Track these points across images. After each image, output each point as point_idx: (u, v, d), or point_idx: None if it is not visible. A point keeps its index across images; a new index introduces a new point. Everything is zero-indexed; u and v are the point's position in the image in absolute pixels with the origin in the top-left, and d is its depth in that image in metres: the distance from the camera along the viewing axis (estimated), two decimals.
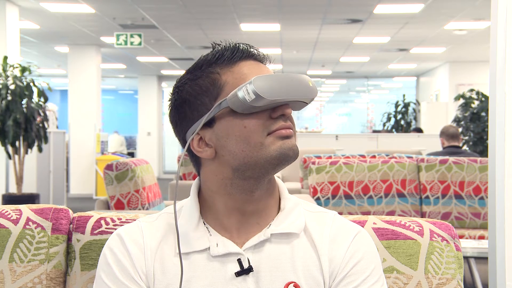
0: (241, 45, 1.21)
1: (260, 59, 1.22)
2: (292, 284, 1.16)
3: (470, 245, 3.70)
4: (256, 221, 1.21)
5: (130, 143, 21.10)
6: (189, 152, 1.23)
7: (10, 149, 7.78)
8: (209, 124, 1.17)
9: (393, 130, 16.14)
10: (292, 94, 1.15)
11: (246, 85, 1.12)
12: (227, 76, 1.18)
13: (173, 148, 20.69)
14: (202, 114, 1.18)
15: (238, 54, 1.20)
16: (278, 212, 1.23)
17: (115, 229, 1.34)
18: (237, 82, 1.16)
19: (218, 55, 1.20)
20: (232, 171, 1.18)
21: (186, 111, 1.20)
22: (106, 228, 1.40)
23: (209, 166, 1.20)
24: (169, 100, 1.25)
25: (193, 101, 1.19)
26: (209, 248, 1.18)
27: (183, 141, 1.23)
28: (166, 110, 1.27)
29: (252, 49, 1.21)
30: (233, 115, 1.15)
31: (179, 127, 1.23)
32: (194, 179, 6.65)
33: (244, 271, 1.16)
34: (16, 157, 7.87)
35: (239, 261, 1.16)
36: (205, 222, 1.21)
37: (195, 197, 1.23)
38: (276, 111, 1.16)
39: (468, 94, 9.55)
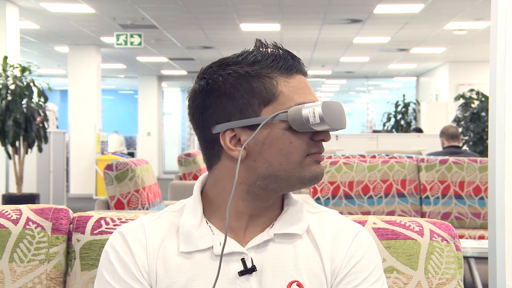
0: (293, 56, 1.22)
1: (305, 73, 1.23)
2: (295, 283, 1.17)
3: (470, 245, 3.70)
4: (261, 221, 1.21)
5: (130, 143, 21.10)
6: (212, 144, 1.20)
7: (10, 149, 7.78)
8: (251, 126, 1.16)
9: (393, 130, 16.13)
10: (339, 124, 1.17)
11: (314, 107, 1.14)
12: (283, 87, 1.17)
13: (173, 148, 20.70)
14: (246, 114, 1.16)
15: (294, 65, 1.20)
16: (280, 211, 1.23)
17: (115, 229, 1.34)
18: (291, 95, 1.17)
19: (271, 59, 1.19)
20: (257, 178, 1.17)
21: (227, 104, 1.17)
22: (106, 228, 1.40)
23: (232, 165, 1.18)
24: (199, 84, 1.20)
25: (238, 98, 1.16)
26: (212, 247, 1.17)
27: (204, 129, 1.20)
28: (190, 93, 1.23)
29: (301, 63, 1.22)
30: (283, 128, 1.16)
31: (207, 115, 1.19)
32: (194, 179, 6.65)
33: (248, 271, 1.16)
34: (16, 157, 7.87)
35: (243, 260, 1.16)
36: (207, 221, 1.21)
37: (198, 196, 1.22)
38: (319, 135, 1.18)
39: (468, 94, 9.55)
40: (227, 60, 1.20)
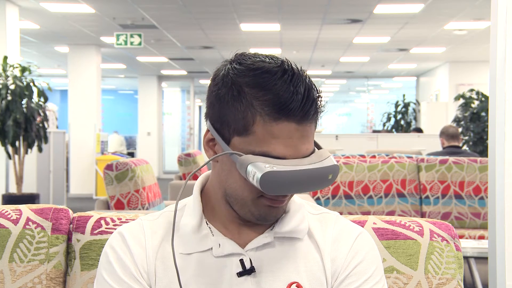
0: (299, 99, 1.08)
1: (302, 123, 1.10)
2: (294, 284, 1.16)
3: (470, 245, 3.70)
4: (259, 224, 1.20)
5: (130, 143, 21.10)
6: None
7: (10, 149, 7.77)
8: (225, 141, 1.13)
9: (393, 130, 16.13)
10: (300, 189, 1.10)
11: (256, 173, 1.06)
12: (258, 128, 1.09)
13: (173, 148, 20.69)
14: (223, 131, 1.13)
15: (293, 111, 1.08)
16: None
17: (115, 229, 1.34)
18: (261, 140, 1.09)
19: (274, 93, 1.08)
20: (225, 194, 1.17)
21: (215, 107, 1.14)
22: (106, 228, 1.40)
23: (216, 167, 1.19)
24: (219, 70, 1.16)
25: (224, 111, 1.12)
26: (211, 248, 1.17)
27: (205, 113, 1.18)
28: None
29: (304, 110, 1.09)
30: None
31: (207, 104, 1.17)
32: (194, 179, 6.64)
33: (246, 272, 1.15)
34: (16, 157, 7.87)
35: (241, 261, 1.16)
36: (207, 222, 1.21)
37: (198, 196, 1.22)
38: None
39: (468, 94, 9.54)
40: (246, 61, 1.13)
